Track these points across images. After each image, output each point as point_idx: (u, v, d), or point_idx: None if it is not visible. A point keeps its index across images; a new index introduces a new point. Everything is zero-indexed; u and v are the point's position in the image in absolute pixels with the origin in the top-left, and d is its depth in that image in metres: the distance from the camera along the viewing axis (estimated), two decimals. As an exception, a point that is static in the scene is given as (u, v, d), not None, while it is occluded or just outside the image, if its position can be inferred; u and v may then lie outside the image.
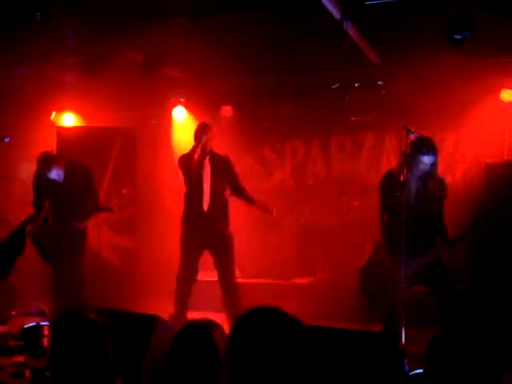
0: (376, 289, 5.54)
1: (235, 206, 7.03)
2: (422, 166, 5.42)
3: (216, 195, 6.64)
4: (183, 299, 6.70)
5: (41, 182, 7.01)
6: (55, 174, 6.90)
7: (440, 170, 5.80)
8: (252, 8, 6.54)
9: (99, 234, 9.03)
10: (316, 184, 9.19)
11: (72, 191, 6.96)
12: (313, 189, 9.18)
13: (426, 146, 5.42)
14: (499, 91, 8.12)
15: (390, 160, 8.58)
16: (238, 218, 7.12)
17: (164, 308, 6.35)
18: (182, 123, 9.62)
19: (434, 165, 5.47)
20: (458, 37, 6.01)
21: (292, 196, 9.19)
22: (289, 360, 1.87)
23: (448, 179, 6.14)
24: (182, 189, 6.90)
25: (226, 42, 7.34)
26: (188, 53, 7.72)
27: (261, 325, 1.94)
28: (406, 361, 3.90)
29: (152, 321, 3.53)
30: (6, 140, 6.97)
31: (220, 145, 9.67)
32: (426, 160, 5.40)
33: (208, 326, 2.51)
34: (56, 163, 6.90)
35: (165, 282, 8.28)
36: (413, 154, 5.28)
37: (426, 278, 5.49)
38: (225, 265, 6.67)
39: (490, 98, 8.18)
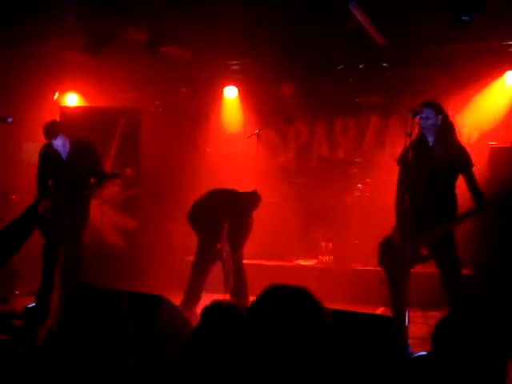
0: (391, 263, 5.59)
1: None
2: (422, 123, 5.46)
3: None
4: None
5: (46, 153, 6.93)
6: (60, 142, 6.79)
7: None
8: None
9: (102, 214, 9.01)
10: (320, 166, 9.16)
11: (78, 164, 6.89)
12: (316, 171, 9.15)
13: (426, 101, 5.56)
14: (505, 74, 8.08)
15: (394, 142, 8.55)
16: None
17: (166, 288, 6.36)
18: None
19: (434, 122, 5.49)
20: (466, 18, 5.95)
21: (295, 178, 9.16)
22: (307, 341, 1.87)
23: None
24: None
25: (230, 23, 7.29)
26: (191, 32, 7.68)
27: (281, 303, 1.94)
28: (409, 343, 3.92)
29: (156, 300, 3.53)
30: (9, 120, 6.91)
31: (224, 125, 9.76)
32: (424, 114, 5.43)
33: (236, 307, 2.53)
34: (61, 131, 6.79)
35: (169, 263, 8.33)
36: (417, 113, 5.35)
37: (435, 251, 5.54)
38: None
39: (496, 81, 8.14)
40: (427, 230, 5.45)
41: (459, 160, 5.55)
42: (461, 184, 5.66)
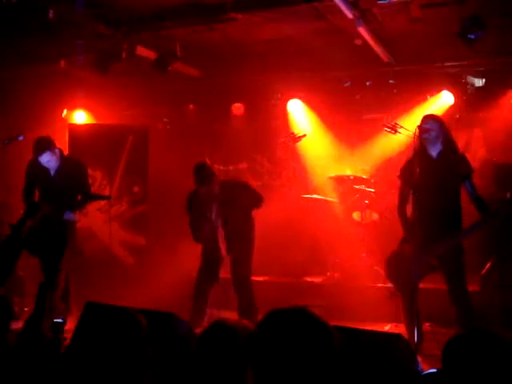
0: (399, 276, 5.63)
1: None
2: (423, 135, 5.51)
3: None
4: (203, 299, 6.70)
5: (31, 168, 6.92)
6: (46, 158, 6.73)
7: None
8: (263, 7, 6.56)
9: (110, 231, 9.06)
10: (327, 182, 9.18)
11: (64, 182, 6.84)
12: (323, 187, 9.16)
13: (426, 115, 5.75)
14: (509, 92, 8.12)
15: (400, 159, 8.56)
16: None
17: (177, 306, 6.37)
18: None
19: (436, 134, 5.57)
20: (472, 36, 6.01)
21: (303, 194, 9.18)
22: (314, 362, 1.87)
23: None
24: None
25: (237, 40, 7.36)
26: (199, 51, 7.75)
27: (287, 325, 1.94)
28: (419, 360, 3.91)
29: (167, 318, 3.54)
30: (21, 138, 6.97)
31: (231, 142, 9.80)
32: (425, 125, 5.52)
33: (235, 326, 2.51)
34: (48, 148, 6.73)
35: (177, 280, 8.34)
36: (418, 126, 5.47)
37: (444, 263, 5.59)
38: None
39: (502, 98, 8.17)
40: (436, 241, 5.51)
41: (461, 167, 5.64)
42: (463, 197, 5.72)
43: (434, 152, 5.66)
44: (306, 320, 1.94)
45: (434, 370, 2.43)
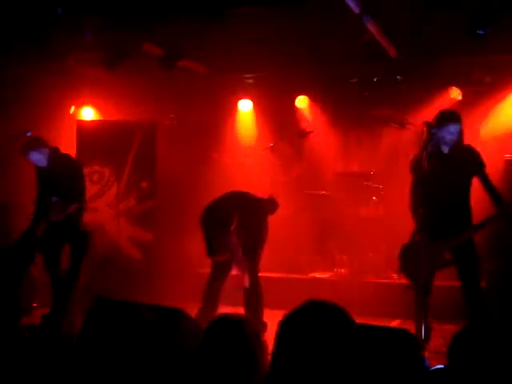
0: (414, 269, 5.64)
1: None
2: (448, 136, 5.52)
3: None
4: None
5: (36, 168, 7.00)
6: (34, 157, 6.79)
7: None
8: (272, 2, 6.55)
9: (118, 227, 9.09)
10: (334, 179, 9.17)
11: (52, 182, 6.86)
12: (331, 183, 9.16)
13: (452, 114, 5.64)
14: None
15: (407, 155, 8.53)
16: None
17: (182, 301, 6.39)
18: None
19: (460, 134, 5.58)
20: (481, 32, 5.98)
21: (310, 190, 9.18)
22: (337, 355, 1.89)
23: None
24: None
25: (245, 37, 7.36)
26: (207, 46, 7.75)
27: (313, 318, 1.96)
28: (426, 356, 3.91)
29: (174, 314, 3.55)
30: (28, 135, 7.01)
31: (238, 138, 9.81)
32: (452, 129, 5.51)
33: (240, 321, 2.51)
34: (33, 147, 6.77)
35: (184, 275, 8.37)
36: (440, 125, 5.44)
37: (458, 256, 5.60)
38: None
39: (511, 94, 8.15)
40: (449, 234, 5.54)
41: (472, 161, 5.64)
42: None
43: (445, 148, 5.66)
44: (340, 318, 1.97)
45: (441, 366, 2.43)
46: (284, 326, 2.00)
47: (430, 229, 5.42)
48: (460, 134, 5.60)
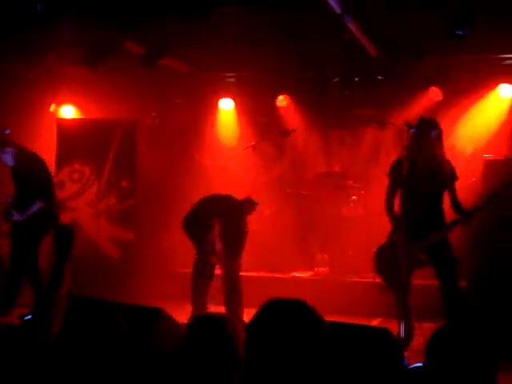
0: (389, 270, 5.80)
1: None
2: (428, 141, 5.68)
3: None
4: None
5: None
6: (3, 156, 6.92)
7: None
8: (253, 1, 6.54)
9: (98, 226, 9.03)
10: (315, 178, 9.18)
11: (17, 181, 6.95)
12: (312, 183, 9.17)
13: (432, 121, 5.80)
14: (498, 87, 8.15)
15: (389, 154, 8.58)
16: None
17: (162, 300, 6.36)
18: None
19: (439, 140, 5.75)
20: (460, 32, 6.03)
21: (291, 190, 9.18)
22: (307, 353, 1.89)
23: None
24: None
25: (227, 36, 7.34)
26: (188, 46, 7.73)
27: (281, 316, 1.95)
28: (405, 354, 3.92)
29: (153, 313, 3.54)
30: (7, 132, 6.94)
31: (220, 138, 9.80)
32: (433, 135, 5.67)
33: (221, 319, 2.51)
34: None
35: (164, 275, 8.34)
36: (420, 130, 5.58)
37: (433, 256, 5.75)
38: None
39: (490, 94, 8.20)
40: (421, 235, 5.71)
41: (449, 174, 5.85)
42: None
43: (421, 153, 5.76)
44: (301, 311, 1.96)
45: (420, 364, 2.44)
46: (249, 331, 1.99)
47: (406, 229, 5.62)
48: (440, 140, 5.77)
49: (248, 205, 6.99)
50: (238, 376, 2.36)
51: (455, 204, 5.80)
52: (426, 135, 5.66)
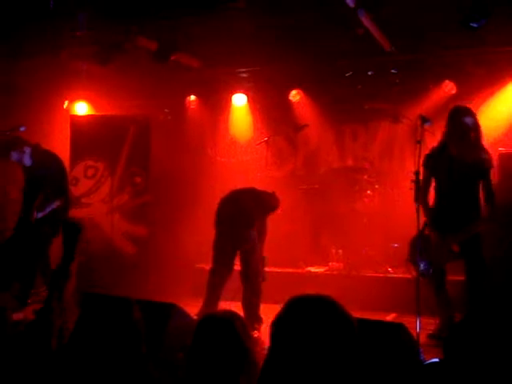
0: (423, 259, 5.73)
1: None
2: (463, 130, 5.61)
3: None
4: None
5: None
6: (14, 157, 6.92)
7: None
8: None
9: (112, 222, 9.06)
10: (329, 173, 9.16)
11: (33, 177, 6.96)
12: (325, 178, 9.15)
13: (467, 109, 5.76)
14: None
15: (402, 149, 8.56)
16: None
17: (178, 296, 6.38)
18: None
19: (475, 127, 5.67)
20: (475, 25, 5.97)
21: (305, 185, 9.15)
22: (335, 350, 1.87)
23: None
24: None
25: (239, 31, 7.32)
26: (201, 41, 7.72)
27: (308, 312, 1.93)
28: (421, 350, 3.91)
29: (168, 308, 3.55)
30: (22, 129, 6.97)
31: (232, 134, 9.79)
32: (469, 122, 5.61)
33: (229, 317, 2.50)
34: (12, 149, 6.88)
35: (179, 271, 8.35)
36: (454, 119, 5.58)
37: (464, 251, 5.67)
38: None
39: (505, 87, 8.13)
40: (458, 229, 5.62)
41: (488, 161, 5.74)
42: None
43: (459, 142, 5.69)
44: (329, 307, 1.94)
45: (437, 360, 2.42)
46: (276, 327, 1.97)
47: (441, 222, 5.60)
48: (476, 130, 5.68)
49: (276, 201, 6.93)
50: (249, 372, 2.36)
51: (489, 194, 5.68)
52: (462, 123, 5.58)
